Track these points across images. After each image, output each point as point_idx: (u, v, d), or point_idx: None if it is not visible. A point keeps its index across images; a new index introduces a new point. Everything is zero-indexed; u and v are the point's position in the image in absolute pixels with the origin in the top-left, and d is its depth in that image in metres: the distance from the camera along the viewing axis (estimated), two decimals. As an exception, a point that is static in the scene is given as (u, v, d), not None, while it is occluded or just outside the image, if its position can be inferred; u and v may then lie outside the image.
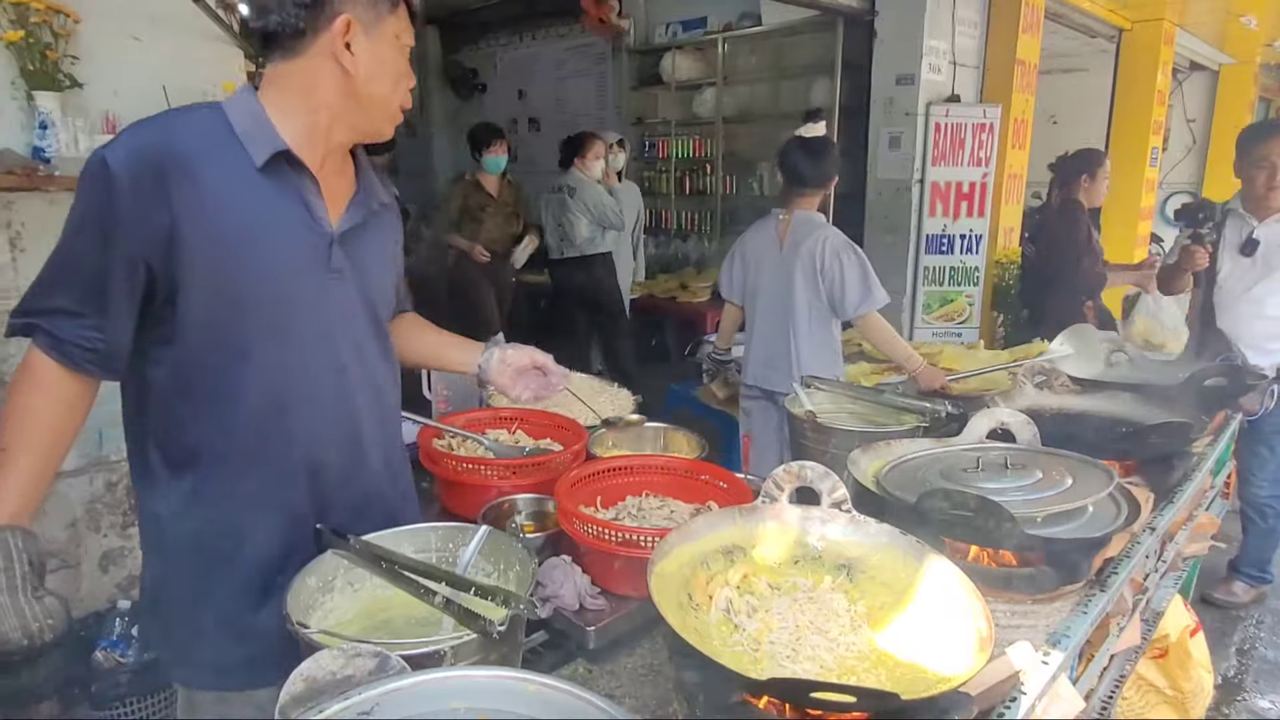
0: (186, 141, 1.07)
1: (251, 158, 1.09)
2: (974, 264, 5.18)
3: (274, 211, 1.12)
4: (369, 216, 1.25)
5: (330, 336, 1.21)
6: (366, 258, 1.25)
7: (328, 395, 1.22)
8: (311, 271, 1.17)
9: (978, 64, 5.29)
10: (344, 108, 1.15)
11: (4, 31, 1.90)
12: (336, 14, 1.09)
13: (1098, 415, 1.83)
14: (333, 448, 1.24)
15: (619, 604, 1.37)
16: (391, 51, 1.15)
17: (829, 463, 1.77)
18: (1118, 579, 1.29)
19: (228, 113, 1.11)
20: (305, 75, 1.12)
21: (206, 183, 1.07)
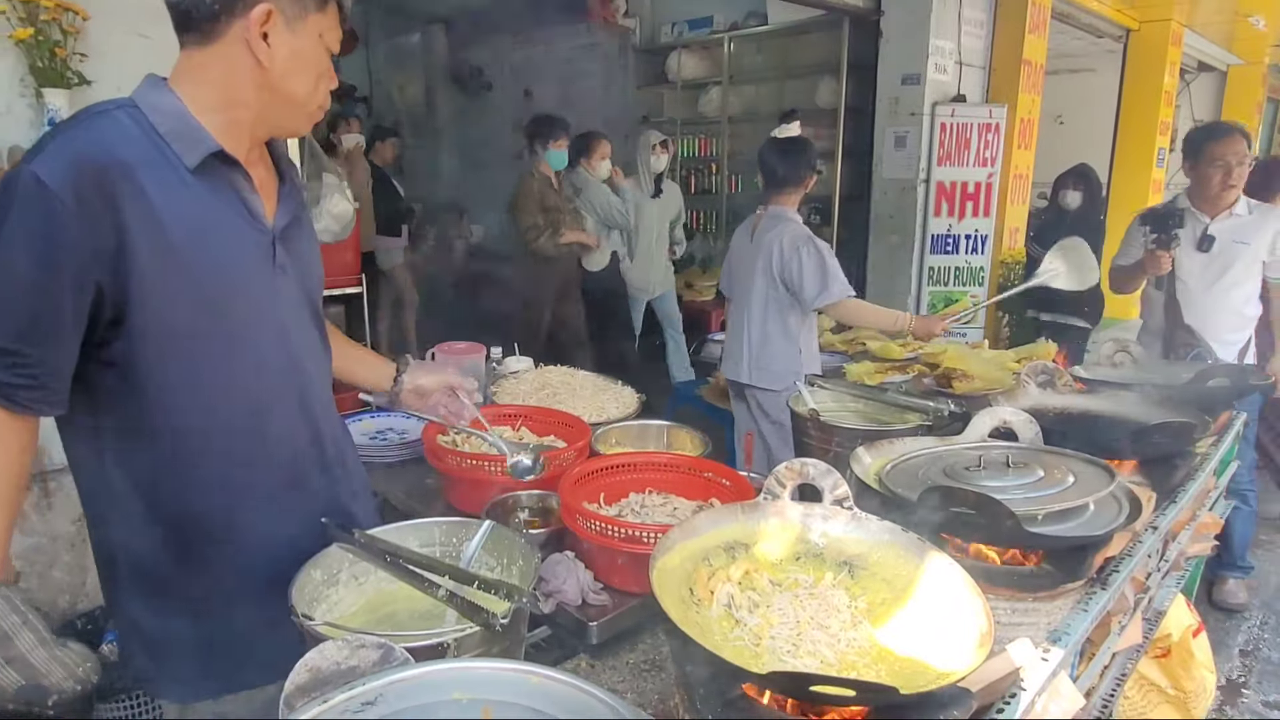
0: (122, 148, 1.00)
1: (181, 159, 1.04)
2: (979, 264, 5.18)
3: (215, 214, 1.08)
4: (299, 209, 1.22)
5: (285, 335, 1.18)
6: (303, 252, 1.23)
7: (291, 393, 1.20)
8: (259, 271, 1.13)
9: (984, 64, 5.29)
10: (260, 103, 1.10)
11: (14, 29, 1.92)
12: (254, 1, 1.03)
13: (1101, 414, 1.83)
14: (300, 445, 1.22)
15: (621, 600, 1.37)
16: (313, 48, 1.10)
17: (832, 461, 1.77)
18: (1119, 577, 1.30)
19: (145, 111, 1.04)
20: (219, 65, 1.06)
21: (149, 191, 1.01)
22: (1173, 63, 6.94)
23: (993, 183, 5.06)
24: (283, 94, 1.10)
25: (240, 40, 1.04)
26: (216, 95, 1.07)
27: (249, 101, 1.09)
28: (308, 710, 0.70)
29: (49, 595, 2.18)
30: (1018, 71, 5.19)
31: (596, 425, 1.94)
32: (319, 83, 1.13)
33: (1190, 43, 7.35)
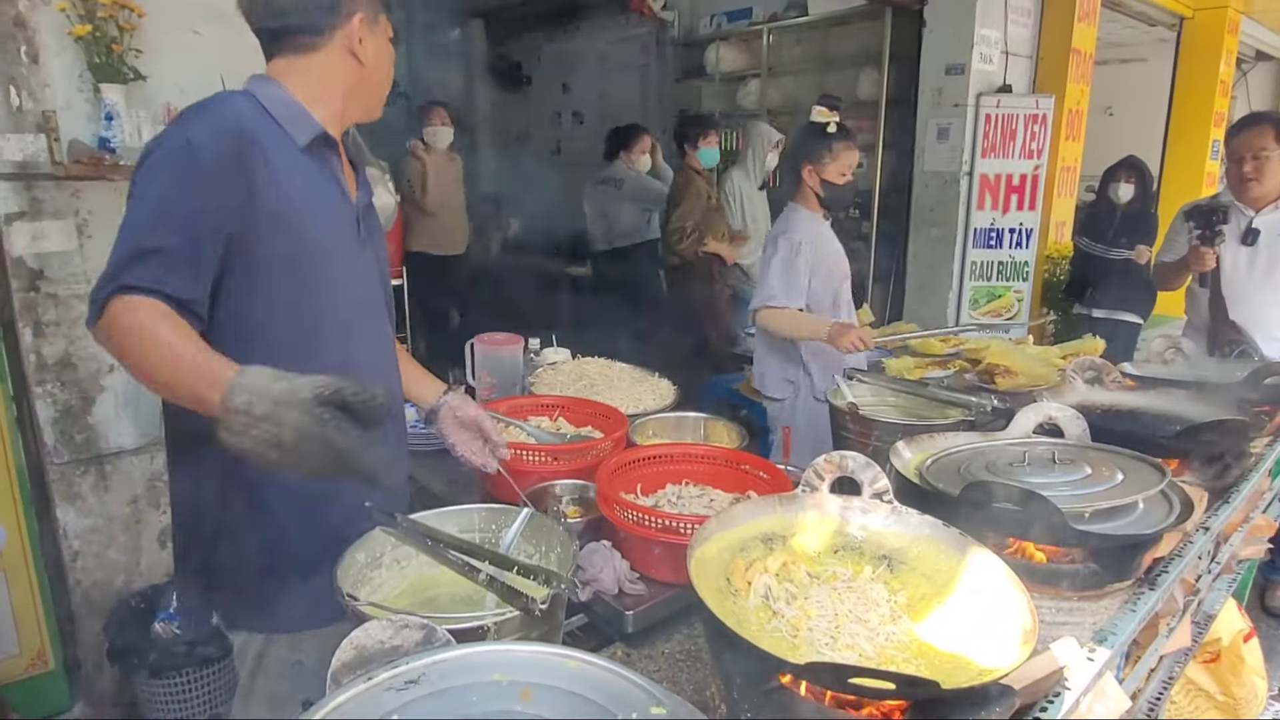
0: (252, 124, 1.18)
1: (294, 139, 1.22)
2: (1023, 259, 5.07)
3: (319, 186, 1.26)
4: (369, 195, 1.40)
5: (370, 302, 1.35)
6: (375, 231, 1.40)
7: (365, 354, 1.34)
8: (349, 240, 1.31)
9: (1031, 53, 5.16)
10: (356, 94, 1.30)
11: (73, 26, 1.98)
12: (353, 13, 1.24)
13: (1151, 412, 1.78)
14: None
15: (658, 590, 1.38)
16: (386, 43, 1.31)
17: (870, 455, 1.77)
18: (1168, 578, 1.26)
19: (261, 100, 1.22)
20: (324, 68, 1.25)
21: (272, 160, 1.18)
22: (1229, 51, 6.70)
23: (1039, 175, 4.94)
24: (373, 84, 1.31)
25: (341, 46, 1.25)
26: (318, 90, 1.26)
27: (346, 94, 1.28)
28: (353, 686, 0.72)
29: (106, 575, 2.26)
30: (1066, 61, 5.05)
31: (634, 417, 1.95)
32: (390, 69, 1.34)
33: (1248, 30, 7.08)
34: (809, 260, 2.47)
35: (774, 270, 2.48)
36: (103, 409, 2.18)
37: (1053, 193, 5.10)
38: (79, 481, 2.18)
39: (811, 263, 2.48)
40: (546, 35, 8.46)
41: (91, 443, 2.18)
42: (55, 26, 2.00)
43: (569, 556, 1.15)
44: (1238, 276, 2.87)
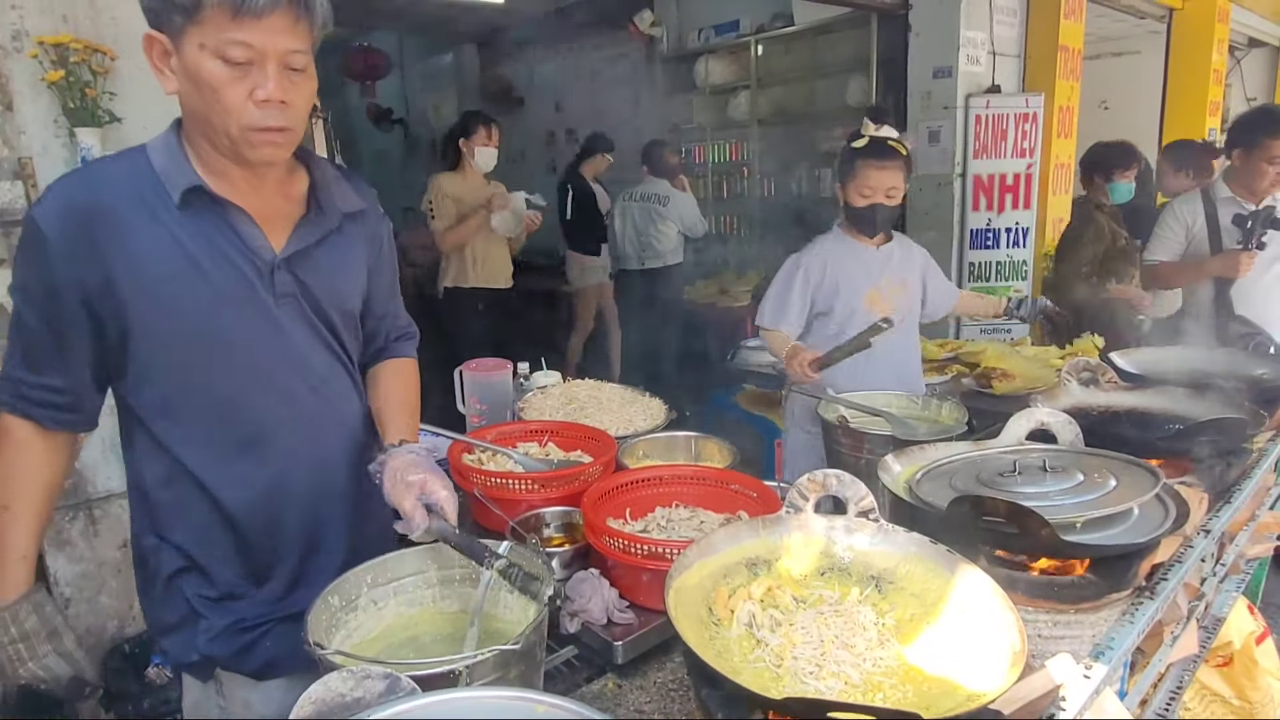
0: (110, 190, 1.08)
1: (171, 196, 1.09)
2: (1021, 258, 5.04)
3: (200, 248, 1.10)
4: (328, 234, 1.22)
5: (287, 362, 1.20)
6: (326, 274, 1.22)
7: (293, 423, 1.22)
8: (251, 302, 1.14)
9: (1018, 53, 5.16)
10: (199, 131, 1.09)
11: (46, 72, 1.99)
12: (154, 28, 1.04)
13: (1147, 412, 1.75)
14: (302, 474, 1.24)
15: (648, 617, 1.35)
16: (201, 62, 1.02)
17: (864, 468, 1.74)
18: (1168, 585, 1.23)
19: (149, 153, 1.11)
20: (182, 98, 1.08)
21: (132, 231, 1.07)
22: (1220, 40, 6.67)
23: (1032, 174, 4.91)
24: (195, 118, 1.08)
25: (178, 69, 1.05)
26: (189, 128, 1.11)
27: (197, 132, 1.10)
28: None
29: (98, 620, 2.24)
30: (1054, 58, 5.04)
31: (624, 438, 1.92)
32: (221, 94, 1.03)
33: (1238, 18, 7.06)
34: (813, 283, 2.34)
35: (770, 291, 2.40)
36: (90, 453, 2.17)
37: (1047, 190, 5.08)
38: (68, 528, 2.17)
39: (817, 285, 2.35)
40: (538, 57, 8.51)
41: (79, 488, 2.17)
42: (28, 73, 2.01)
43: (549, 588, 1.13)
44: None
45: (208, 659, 1.23)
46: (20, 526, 1.11)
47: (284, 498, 1.22)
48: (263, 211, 1.16)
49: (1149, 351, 2.28)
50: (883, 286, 2.36)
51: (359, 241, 1.29)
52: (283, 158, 1.15)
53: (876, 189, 2.21)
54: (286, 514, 1.24)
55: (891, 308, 2.33)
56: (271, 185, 1.18)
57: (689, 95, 6.92)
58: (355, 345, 1.34)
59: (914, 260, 2.47)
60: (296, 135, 1.12)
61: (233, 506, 1.19)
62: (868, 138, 2.24)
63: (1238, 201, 2.81)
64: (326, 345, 1.25)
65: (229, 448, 1.18)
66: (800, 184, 6.31)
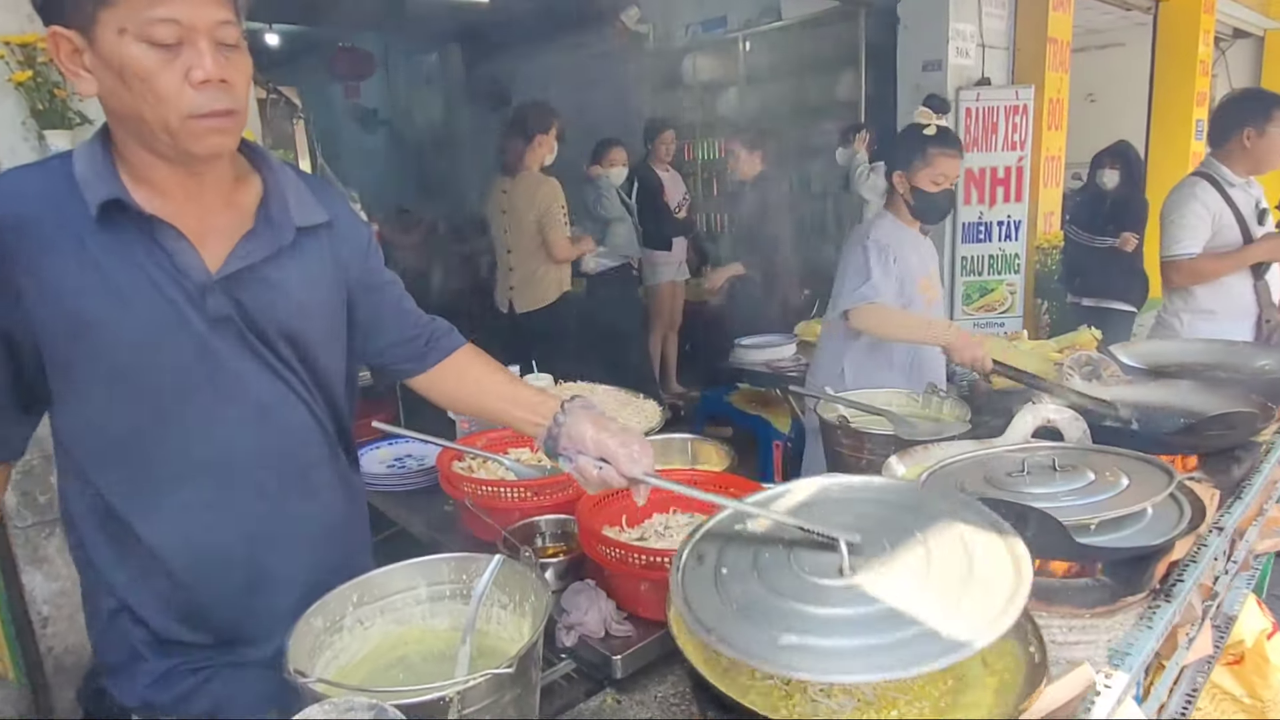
0: (20, 203, 0.96)
1: (88, 208, 0.95)
2: (1014, 251, 5.02)
3: (122, 270, 0.97)
4: (277, 251, 1.07)
5: (221, 393, 1.06)
6: (271, 298, 1.08)
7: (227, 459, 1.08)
8: (178, 332, 1.01)
9: (1007, 45, 5.14)
10: (127, 133, 0.96)
11: (13, 72, 1.92)
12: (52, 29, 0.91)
13: (1153, 406, 1.72)
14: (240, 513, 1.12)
15: (647, 629, 1.30)
16: (124, 50, 0.90)
17: (865, 469, 1.70)
18: (1184, 587, 1.19)
19: (73, 160, 0.98)
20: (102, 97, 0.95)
21: (45, 249, 0.95)
22: (1206, 31, 6.68)
23: (1023, 166, 4.90)
24: (124, 118, 0.95)
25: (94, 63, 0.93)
26: (116, 132, 0.98)
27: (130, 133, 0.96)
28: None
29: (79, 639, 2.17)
30: (1044, 51, 5.02)
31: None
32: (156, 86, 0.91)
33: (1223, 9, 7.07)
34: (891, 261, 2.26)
35: (869, 266, 2.22)
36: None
37: (1039, 183, 5.06)
38: (44, 544, 2.10)
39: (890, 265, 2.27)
40: (524, 55, 8.45)
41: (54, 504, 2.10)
42: (-7, 74, 1.94)
43: (543, 605, 1.08)
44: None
45: (148, 704, 1.13)
46: None
47: (219, 539, 1.10)
48: (200, 226, 1.02)
49: (1149, 344, 2.25)
50: (931, 275, 2.40)
51: (321, 259, 1.14)
52: (231, 146, 1.02)
53: (949, 175, 2.26)
54: (223, 557, 1.11)
55: (937, 294, 2.40)
56: (213, 194, 1.04)
57: (677, 91, 6.87)
58: (335, 366, 1.20)
59: (935, 253, 2.52)
60: (242, 119, 1.00)
61: (162, 549, 1.07)
62: (935, 126, 2.25)
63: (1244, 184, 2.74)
64: (274, 371, 1.10)
65: (154, 486, 1.06)
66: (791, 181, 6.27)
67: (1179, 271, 2.82)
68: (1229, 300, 2.81)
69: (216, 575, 1.11)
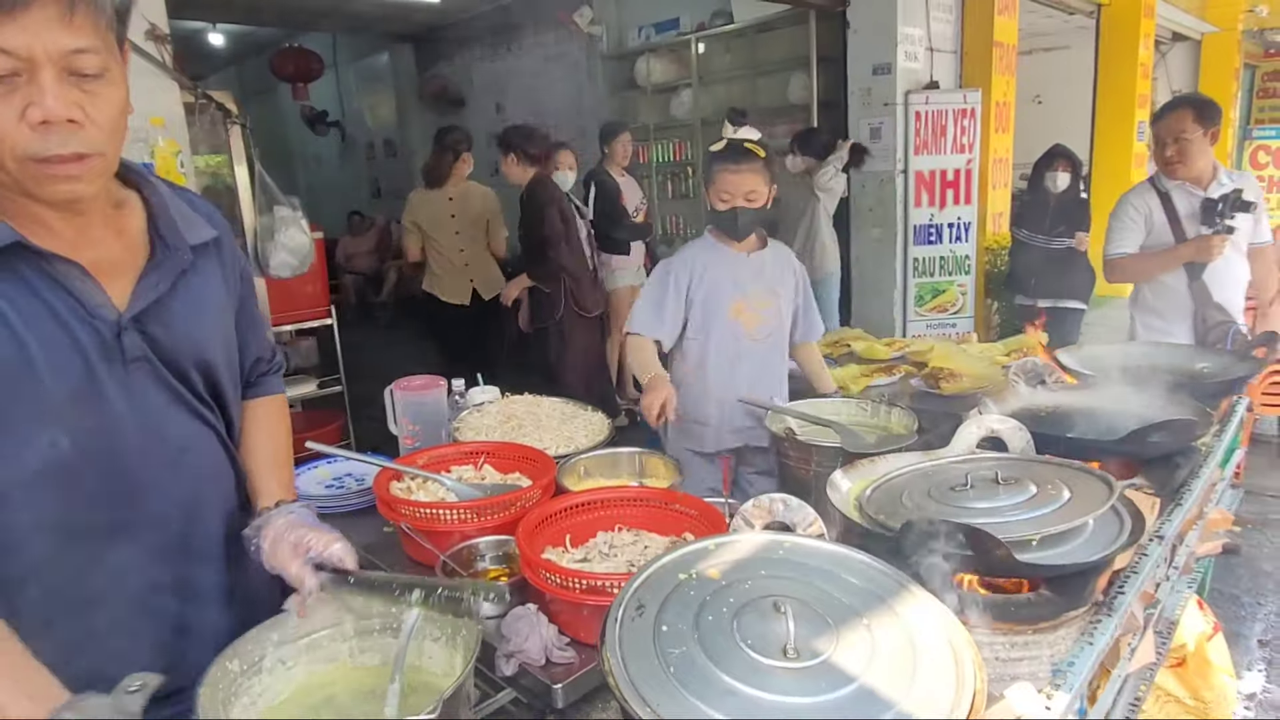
0: None
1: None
2: (964, 252, 5.09)
3: (25, 319, 0.88)
4: (179, 277, 1.01)
5: (136, 439, 0.98)
6: (180, 328, 1.01)
7: (143, 511, 1.00)
8: (91, 380, 0.93)
9: (955, 49, 5.21)
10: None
11: None
12: None
13: (1096, 412, 1.73)
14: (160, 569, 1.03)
15: (589, 655, 1.26)
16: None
17: (813, 481, 1.68)
18: (1125, 599, 1.19)
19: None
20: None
21: None
22: (1146, 35, 6.87)
23: (972, 169, 4.97)
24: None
25: None
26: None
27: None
28: None
29: None
30: (990, 54, 5.11)
31: (565, 457, 1.83)
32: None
33: (1163, 13, 7.28)
34: (684, 289, 2.21)
35: (641, 297, 2.25)
36: None
37: (987, 185, 5.15)
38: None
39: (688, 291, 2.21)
40: (477, 56, 8.35)
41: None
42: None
43: (474, 637, 1.03)
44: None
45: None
46: None
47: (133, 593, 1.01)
48: (96, 260, 0.93)
49: (1093, 348, 2.28)
50: (750, 296, 2.23)
51: (214, 277, 1.08)
52: (88, 192, 0.90)
53: (735, 193, 2.11)
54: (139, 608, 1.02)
55: (758, 320, 2.23)
56: (98, 225, 0.95)
57: (632, 93, 6.85)
58: (233, 394, 1.13)
59: (789, 274, 2.33)
60: (107, 162, 0.89)
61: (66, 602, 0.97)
62: (725, 140, 2.16)
63: (1187, 188, 2.82)
64: (188, 408, 1.04)
65: (66, 540, 0.95)
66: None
67: (1111, 270, 2.98)
68: (1168, 300, 2.90)
69: (131, 638, 1.02)
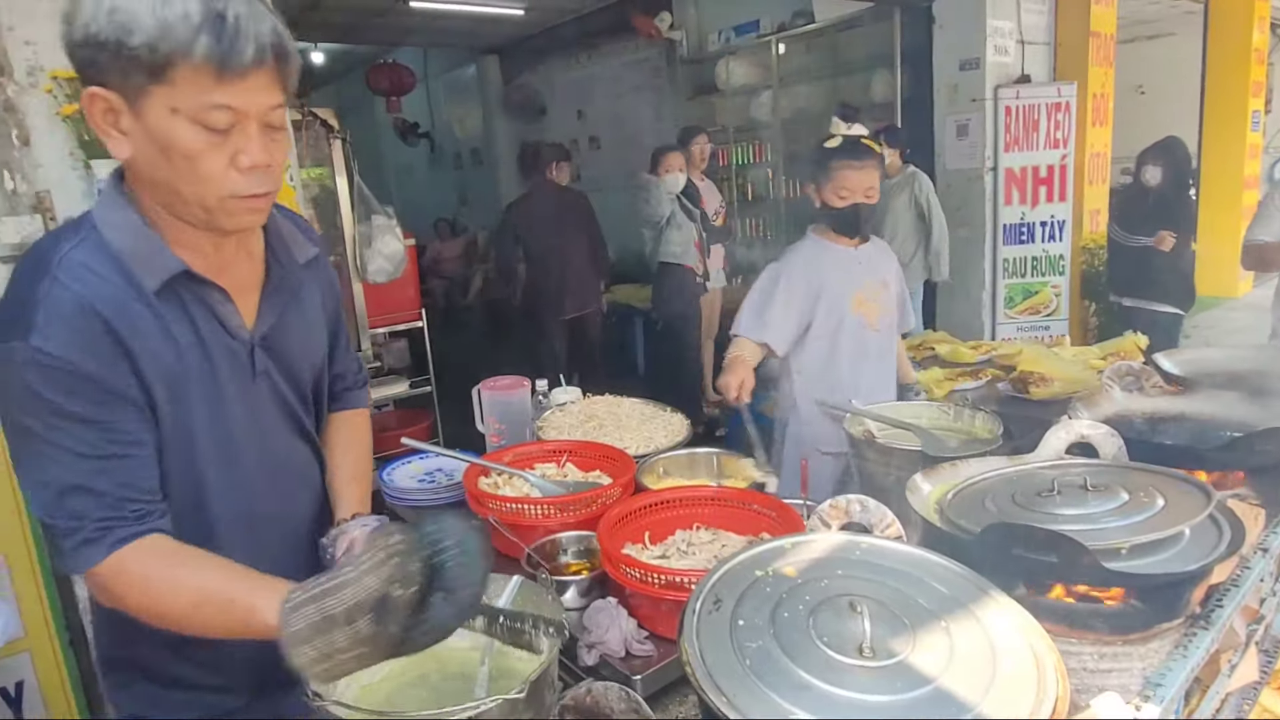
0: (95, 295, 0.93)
1: (142, 283, 0.95)
2: (1058, 252, 4.89)
3: (185, 341, 0.99)
4: (290, 299, 1.12)
5: (250, 451, 1.09)
6: (292, 346, 1.13)
7: (249, 516, 1.11)
8: (236, 389, 1.05)
9: (1048, 40, 5.02)
10: (164, 202, 0.96)
11: (61, 106, 2.00)
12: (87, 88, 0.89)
13: (1197, 419, 1.65)
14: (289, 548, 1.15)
15: (668, 648, 1.30)
16: (169, 127, 0.88)
17: (892, 485, 1.67)
18: (1224, 613, 1.14)
19: (102, 230, 0.96)
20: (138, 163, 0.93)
21: (124, 335, 0.94)
22: (1261, 18, 6.44)
23: (1067, 165, 4.77)
24: (166, 188, 0.93)
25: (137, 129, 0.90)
26: (140, 194, 0.97)
27: (163, 199, 0.96)
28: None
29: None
30: (1086, 45, 4.90)
31: (644, 456, 1.87)
32: (200, 168, 0.91)
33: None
34: (797, 293, 2.22)
35: (747, 300, 2.28)
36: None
37: (1083, 181, 4.94)
38: (95, 556, 2.18)
39: (801, 294, 2.22)
40: (559, 65, 8.53)
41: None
42: (44, 108, 2.02)
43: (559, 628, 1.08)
44: None
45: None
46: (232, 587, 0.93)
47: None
48: (232, 282, 1.04)
49: (1194, 352, 2.17)
50: (866, 289, 2.25)
51: (316, 294, 1.20)
52: (261, 222, 1.04)
53: (855, 189, 2.13)
54: None
55: (878, 310, 2.26)
56: (234, 248, 1.06)
57: (711, 97, 6.86)
58: (322, 406, 1.26)
59: (891, 263, 2.36)
60: (275, 198, 1.01)
61: None
62: (840, 137, 2.16)
63: None
64: (294, 421, 1.16)
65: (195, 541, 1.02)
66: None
67: (1245, 255, 2.88)
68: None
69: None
